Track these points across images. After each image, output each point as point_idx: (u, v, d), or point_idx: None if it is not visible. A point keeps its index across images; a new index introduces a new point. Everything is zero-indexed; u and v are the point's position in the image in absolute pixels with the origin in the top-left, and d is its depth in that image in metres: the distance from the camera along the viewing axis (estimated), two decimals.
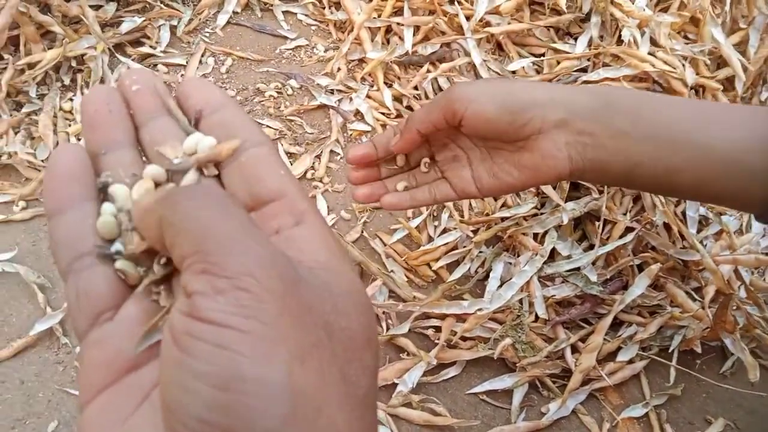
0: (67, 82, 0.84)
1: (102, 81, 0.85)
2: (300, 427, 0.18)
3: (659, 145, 0.47)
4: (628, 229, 0.76)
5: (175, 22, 0.95)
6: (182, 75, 0.91)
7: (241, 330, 0.18)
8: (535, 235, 0.78)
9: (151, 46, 0.91)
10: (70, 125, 0.80)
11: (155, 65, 0.91)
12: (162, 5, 0.94)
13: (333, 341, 0.21)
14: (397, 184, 0.58)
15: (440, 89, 0.89)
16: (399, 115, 0.89)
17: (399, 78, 0.92)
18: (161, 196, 0.23)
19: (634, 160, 0.48)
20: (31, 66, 0.80)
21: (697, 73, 0.81)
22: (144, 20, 0.90)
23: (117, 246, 0.25)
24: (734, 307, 0.73)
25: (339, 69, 0.93)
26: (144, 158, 0.29)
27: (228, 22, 0.99)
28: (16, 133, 0.78)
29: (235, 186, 0.27)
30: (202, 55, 0.94)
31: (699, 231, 0.79)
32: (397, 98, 0.90)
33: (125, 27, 0.89)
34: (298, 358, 0.19)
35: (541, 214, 0.79)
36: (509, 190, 0.54)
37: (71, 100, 0.83)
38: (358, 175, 0.58)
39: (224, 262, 0.19)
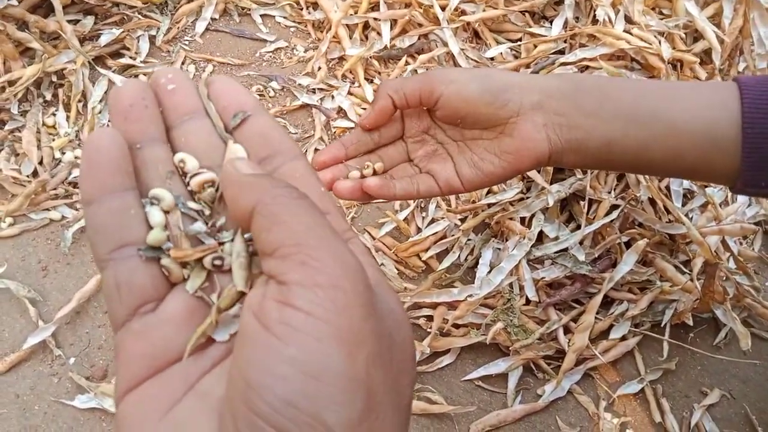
0: (48, 97, 0.85)
1: (83, 95, 0.86)
2: (372, 424, 0.20)
3: (630, 121, 0.49)
4: (614, 207, 0.76)
5: (153, 32, 0.95)
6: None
7: (335, 326, 0.20)
8: (522, 220, 0.78)
9: (131, 57, 0.92)
10: (53, 140, 0.81)
11: (136, 75, 0.91)
12: (140, 16, 0.94)
13: (392, 352, 0.22)
14: (375, 164, 0.55)
15: None
16: None
17: (379, 73, 0.92)
18: (260, 180, 0.24)
19: (607, 137, 0.49)
20: (11, 83, 0.81)
21: (674, 48, 0.82)
22: (122, 32, 0.91)
23: (165, 245, 0.25)
24: (723, 278, 0.74)
25: (319, 68, 0.94)
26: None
27: (207, 29, 0.99)
28: (0, 150, 0.79)
29: None
30: (183, 63, 0.95)
31: (684, 204, 0.79)
32: None
33: (104, 39, 0.89)
34: (373, 363, 0.21)
35: (527, 198, 0.79)
36: (492, 181, 0.53)
37: (54, 115, 0.84)
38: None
39: (324, 259, 0.20)
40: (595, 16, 0.84)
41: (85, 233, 0.76)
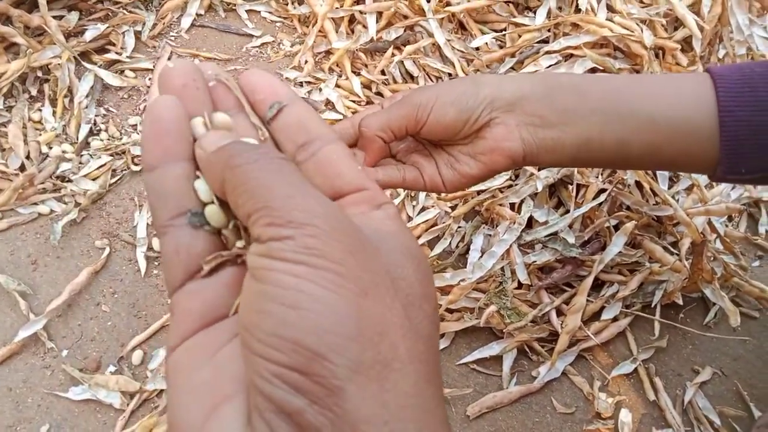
0: (34, 92, 0.84)
1: (69, 90, 0.85)
2: (364, 346, 0.20)
3: (606, 118, 0.49)
4: (602, 191, 0.77)
5: (139, 28, 0.95)
6: (149, 79, 0.91)
7: (312, 265, 0.20)
8: (512, 205, 0.79)
9: (116, 53, 0.91)
10: (40, 134, 0.80)
11: (122, 71, 0.91)
12: (125, 11, 0.94)
13: (395, 286, 0.23)
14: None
15: (407, 72, 0.90)
16: (369, 102, 0.90)
17: (366, 65, 0.93)
18: (221, 153, 0.24)
19: (584, 135, 0.49)
20: None
21: (655, 35, 0.83)
22: (107, 27, 0.90)
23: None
24: (711, 258, 0.75)
25: (306, 62, 0.94)
26: None
27: (192, 25, 0.99)
28: None
29: (316, 182, 0.27)
30: (169, 59, 0.94)
31: (670, 187, 0.80)
32: (366, 85, 0.91)
33: (89, 35, 0.89)
34: (363, 291, 0.21)
35: (516, 184, 0.80)
36: (470, 182, 0.53)
37: (40, 110, 0.83)
38: None
39: (289, 215, 0.21)
40: (577, 5, 0.86)
41: (74, 226, 0.75)
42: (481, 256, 0.75)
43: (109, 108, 0.87)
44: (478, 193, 0.80)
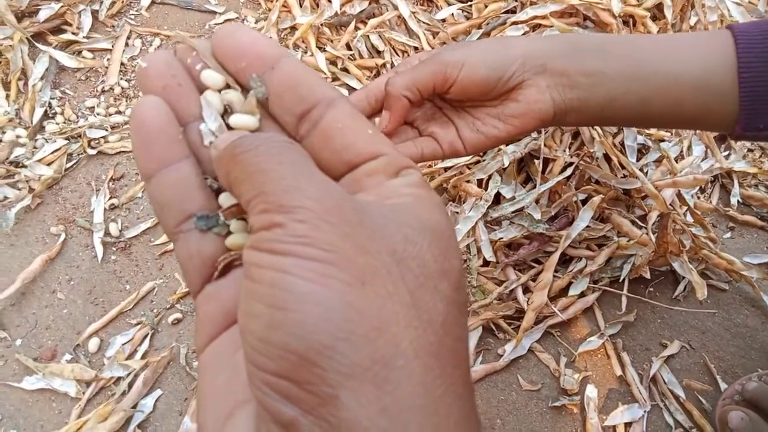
0: None
1: (23, 73, 0.82)
2: (356, 345, 0.18)
3: (630, 78, 0.49)
4: (569, 165, 0.75)
5: (96, 7, 0.92)
6: (108, 59, 0.89)
7: (299, 256, 0.19)
8: (480, 182, 0.78)
9: (73, 33, 0.88)
10: None
11: (80, 52, 0.88)
12: None
13: (401, 268, 0.20)
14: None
15: (373, 47, 0.88)
16: (335, 78, 0.88)
17: (331, 41, 0.90)
18: (225, 152, 0.22)
19: (609, 95, 0.50)
20: None
21: (624, 3, 0.81)
22: (62, 6, 0.88)
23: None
24: (680, 231, 0.74)
25: (271, 38, 0.91)
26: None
27: (152, 2, 0.96)
28: None
29: (324, 157, 0.24)
30: (128, 38, 0.92)
31: (639, 159, 0.79)
32: (332, 61, 0.89)
33: (43, 15, 0.86)
34: (358, 280, 0.19)
35: (483, 160, 0.78)
36: (495, 143, 0.53)
37: None
38: None
39: (279, 198, 0.20)
40: None
41: (28, 213, 0.73)
42: None
43: (66, 90, 0.84)
44: (445, 170, 0.78)
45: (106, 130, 0.81)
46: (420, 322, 0.20)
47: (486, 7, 0.84)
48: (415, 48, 0.86)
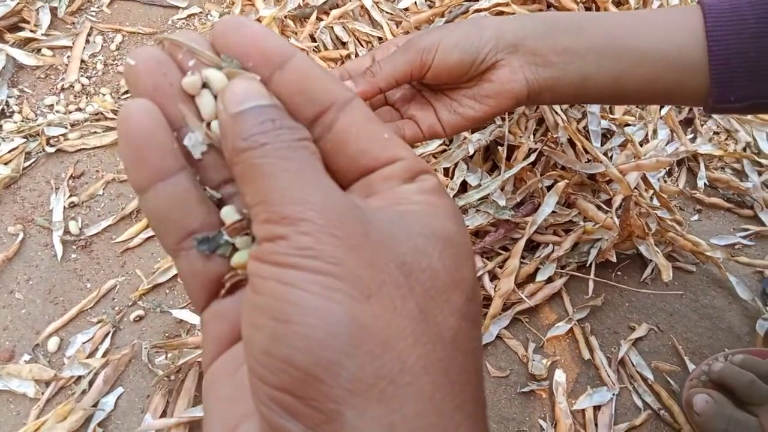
0: None
1: None
2: (362, 360, 0.18)
3: (602, 55, 0.49)
4: (533, 151, 0.75)
5: (55, 4, 0.91)
6: (68, 57, 0.87)
7: (303, 268, 0.18)
8: (446, 170, 0.77)
9: (31, 30, 0.87)
10: None
11: (39, 50, 0.87)
12: None
13: (410, 280, 0.19)
14: None
15: (337, 38, 0.87)
16: None
17: (296, 33, 0.89)
18: (235, 128, 0.21)
19: (582, 73, 0.50)
20: None
21: None
22: (19, 3, 0.86)
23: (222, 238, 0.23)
24: (646, 214, 0.74)
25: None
26: None
27: None
28: None
29: (339, 162, 0.23)
30: (89, 35, 0.90)
31: (604, 144, 0.79)
32: None
33: None
34: (364, 294, 0.18)
35: (449, 149, 0.78)
36: (474, 123, 0.53)
37: None
38: None
39: (283, 210, 0.19)
40: None
41: None
42: None
43: (24, 89, 0.83)
44: None
45: (66, 127, 0.79)
46: (429, 337, 0.19)
47: None
48: (379, 38, 0.85)
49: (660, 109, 0.86)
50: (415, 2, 0.85)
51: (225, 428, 0.21)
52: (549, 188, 0.75)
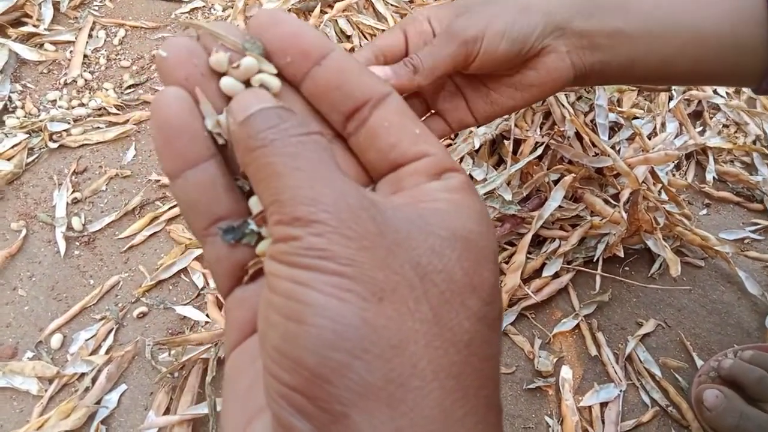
0: None
1: None
2: (372, 363, 0.18)
3: (652, 37, 0.46)
4: (539, 144, 0.74)
5: None
6: (71, 52, 0.87)
7: (316, 269, 0.18)
8: None
9: (33, 25, 0.86)
10: None
11: (41, 44, 0.86)
12: None
13: (425, 282, 0.19)
14: None
15: (342, 31, 0.87)
16: None
17: None
18: (244, 131, 0.21)
19: (630, 56, 0.47)
20: None
21: None
22: None
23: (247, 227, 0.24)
24: (654, 208, 0.73)
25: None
26: None
27: None
28: None
29: (369, 156, 0.23)
30: (92, 29, 0.90)
31: (611, 137, 0.78)
32: None
33: (1, 7, 0.84)
34: (376, 295, 0.18)
35: (455, 143, 0.77)
36: (508, 113, 0.50)
37: None
38: None
39: (295, 211, 0.19)
40: None
41: None
42: None
43: (27, 84, 0.83)
44: None
45: (69, 123, 0.79)
46: (442, 341, 0.19)
47: None
48: (384, 31, 0.84)
49: (668, 102, 0.85)
50: None
51: (240, 422, 0.21)
52: (556, 182, 0.74)
